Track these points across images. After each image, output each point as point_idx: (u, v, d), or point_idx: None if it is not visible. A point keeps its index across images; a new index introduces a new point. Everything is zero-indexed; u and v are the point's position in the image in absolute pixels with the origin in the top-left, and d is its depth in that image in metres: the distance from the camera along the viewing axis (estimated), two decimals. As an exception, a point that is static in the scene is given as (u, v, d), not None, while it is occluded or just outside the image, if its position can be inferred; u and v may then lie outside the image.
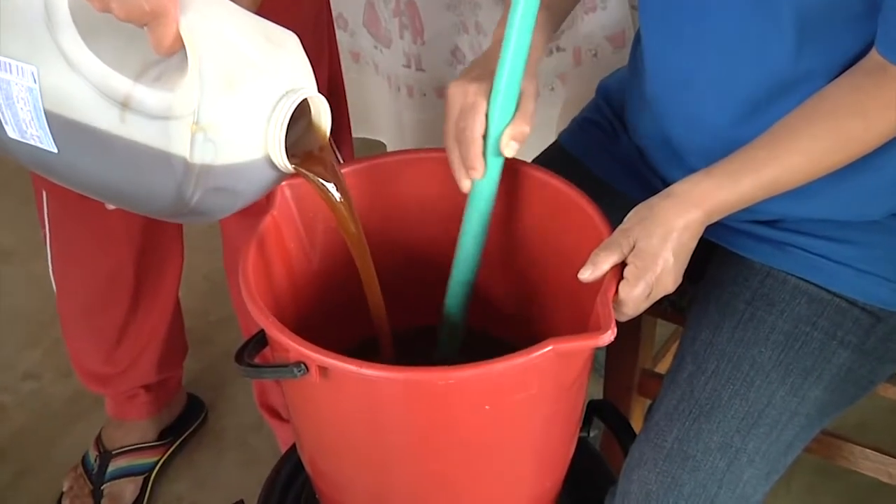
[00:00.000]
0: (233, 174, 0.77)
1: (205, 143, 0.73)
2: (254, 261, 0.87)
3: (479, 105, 0.89)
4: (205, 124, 0.73)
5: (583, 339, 0.76)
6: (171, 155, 0.74)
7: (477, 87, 0.90)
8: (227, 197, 0.79)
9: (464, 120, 0.90)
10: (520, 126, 0.90)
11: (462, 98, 0.91)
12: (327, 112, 0.83)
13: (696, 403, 0.93)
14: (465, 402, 0.78)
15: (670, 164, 1.04)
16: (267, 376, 0.84)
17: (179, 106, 0.73)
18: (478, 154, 0.90)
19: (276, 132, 0.76)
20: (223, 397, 1.68)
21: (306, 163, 0.81)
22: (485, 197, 0.92)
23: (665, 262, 0.82)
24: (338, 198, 0.84)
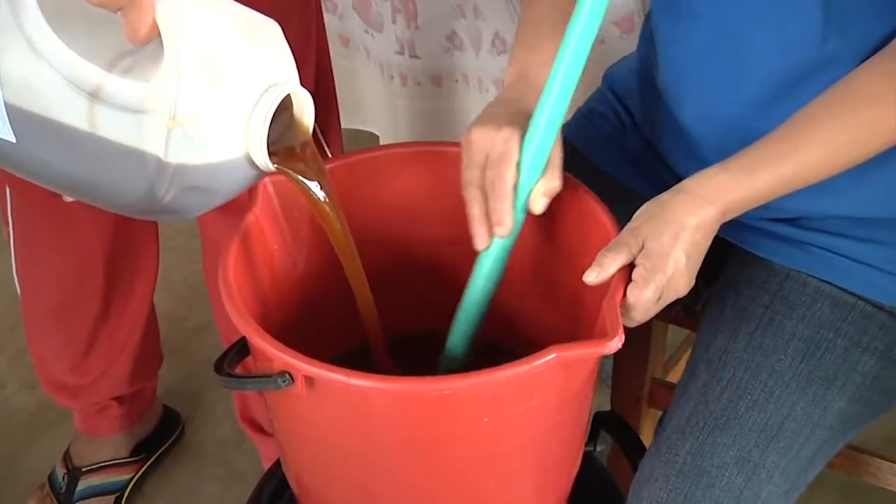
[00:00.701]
0: (210, 173, 0.77)
1: (182, 139, 0.74)
2: (235, 262, 0.87)
3: (512, 153, 0.88)
4: (182, 119, 0.73)
5: (588, 347, 0.76)
6: (143, 152, 0.74)
7: (509, 133, 0.88)
8: (203, 195, 0.80)
9: (495, 169, 0.88)
10: (551, 181, 0.89)
11: (490, 144, 0.89)
12: (311, 107, 0.83)
13: (711, 415, 0.93)
14: (462, 414, 0.79)
15: (682, 158, 1.04)
16: (249, 387, 0.84)
17: (155, 99, 0.73)
18: (508, 208, 0.88)
19: (258, 129, 0.76)
20: (201, 410, 1.69)
21: (288, 160, 0.81)
22: (501, 255, 0.91)
23: (676, 263, 0.83)
24: (321, 197, 0.84)
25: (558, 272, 0.98)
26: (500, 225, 0.88)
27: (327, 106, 1.35)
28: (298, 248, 0.97)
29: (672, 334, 1.33)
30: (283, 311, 0.96)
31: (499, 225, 0.88)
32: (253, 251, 0.91)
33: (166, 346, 1.58)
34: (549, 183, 0.89)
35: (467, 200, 0.90)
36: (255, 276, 0.92)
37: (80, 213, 1.26)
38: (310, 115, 0.83)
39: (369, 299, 0.92)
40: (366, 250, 0.91)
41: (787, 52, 0.90)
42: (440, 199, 1.00)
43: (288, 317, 0.96)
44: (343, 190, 0.96)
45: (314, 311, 1.00)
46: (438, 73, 1.67)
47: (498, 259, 0.91)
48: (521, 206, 0.89)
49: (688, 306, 1.13)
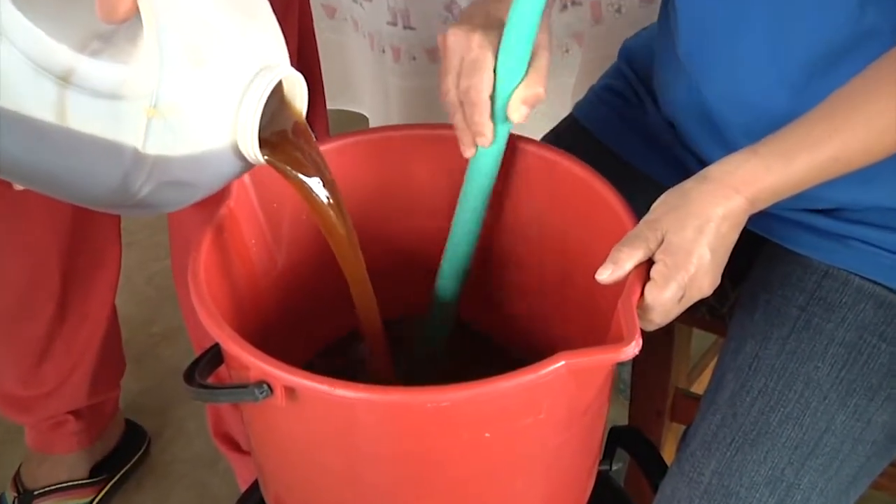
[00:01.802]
0: (192, 165, 0.77)
1: (163, 129, 0.74)
2: (206, 259, 0.87)
3: (485, 60, 0.91)
4: (165, 107, 0.73)
5: (602, 353, 0.77)
6: (118, 143, 0.74)
7: (482, 37, 0.91)
8: (182, 190, 0.80)
9: (468, 77, 0.91)
10: (533, 87, 0.91)
11: (465, 49, 0.92)
12: (304, 93, 0.83)
13: (740, 430, 0.94)
14: (461, 428, 0.79)
15: (708, 141, 1.05)
16: (223, 399, 0.85)
17: (133, 83, 0.73)
18: (486, 118, 0.91)
19: (248, 118, 0.77)
20: (170, 425, 1.69)
21: (279, 152, 0.82)
22: (488, 169, 0.95)
23: (700, 260, 0.83)
24: (324, 197, 0.85)
25: (568, 269, 0.98)
26: (480, 136, 0.91)
27: (311, 84, 1.35)
28: (278, 243, 0.98)
29: (697, 340, 1.34)
30: (260, 313, 0.96)
31: (478, 135, 0.92)
32: (227, 247, 0.92)
33: (130, 353, 1.59)
34: (528, 89, 0.91)
35: (448, 110, 0.94)
36: (230, 275, 0.92)
37: (33, 204, 1.26)
38: (303, 100, 0.84)
39: (372, 307, 0.93)
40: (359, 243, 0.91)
41: (823, 27, 0.90)
42: (440, 189, 1.00)
43: (266, 320, 0.97)
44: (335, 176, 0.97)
45: (295, 313, 1.01)
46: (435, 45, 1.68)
47: (486, 170, 0.95)
48: (500, 114, 0.92)
49: (714, 308, 1.13)
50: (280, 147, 0.82)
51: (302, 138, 0.84)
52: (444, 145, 0.98)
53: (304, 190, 0.84)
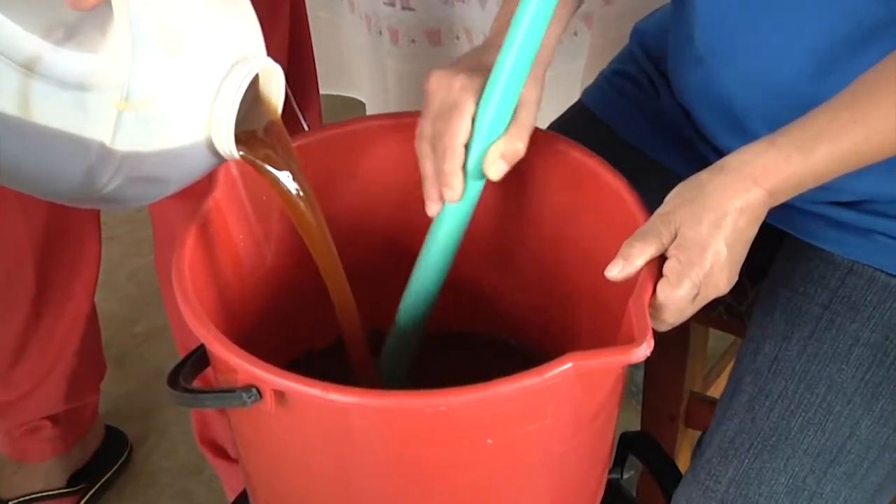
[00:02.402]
0: (163, 161, 0.77)
1: (134, 123, 0.74)
2: (191, 256, 0.88)
3: (465, 105, 0.89)
4: (137, 100, 0.73)
5: (611, 354, 0.77)
6: (85, 138, 0.74)
7: (465, 80, 0.90)
8: (151, 185, 0.80)
9: (443, 121, 0.90)
10: (513, 142, 0.90)
11: (444, 93, 0.91)
12: (282, 85, 0.83)
13: (759, 435, 0.94)
14: (461, 435, 0.79)
15: (725, 130, 1.05)
16: (209, 404, 0.85)
17: (105, 74, 0.73)
18: (457, 167, 0.90)
19: (224, 112, 0.77)
20: (153, 431, 1.69)
21: (253, 147, 0.82)
22: (453, 229, 0.93)
23: (716, 255, 0.83)
24: (293, 190, 0.85)
25: (575, 266, 0.99)
26: (448, 187, 0.90)
27: (303, 68, 1.36)
28: (267, 238, 0.98)
29: (713, 341, 1.34)
30: (248, 312, 0.97)
31: (446, 187, 0.90)
32: (213, 242, 0.92)
33: (110, 354, 1.59)
34: (508, 143, 0.90)
35: (419, 156, 0.93)
36: (216, 272, 0.92)
37: (5, 195, 1.26)
38: (280, 93, 0.84)
39: (350, 305, 0.93)
40: (347, 240, 0.91)
41: (848, 9, 0.90)
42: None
43: (254, 319, 0.97)
44: (321, 169, 0.97)
45: (286, 312, 1.01)
46: (436, 27, 1.67)
47: (452, 229, 0.93)
48: (474, 168, 0.90)
49: (731, 307, 1.14)
50: (252, 142, 0.82)
51: (275, 135, 0.84)
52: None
53: (276, 183, 0.85)
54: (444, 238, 0.94)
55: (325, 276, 0.91)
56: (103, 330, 1.54)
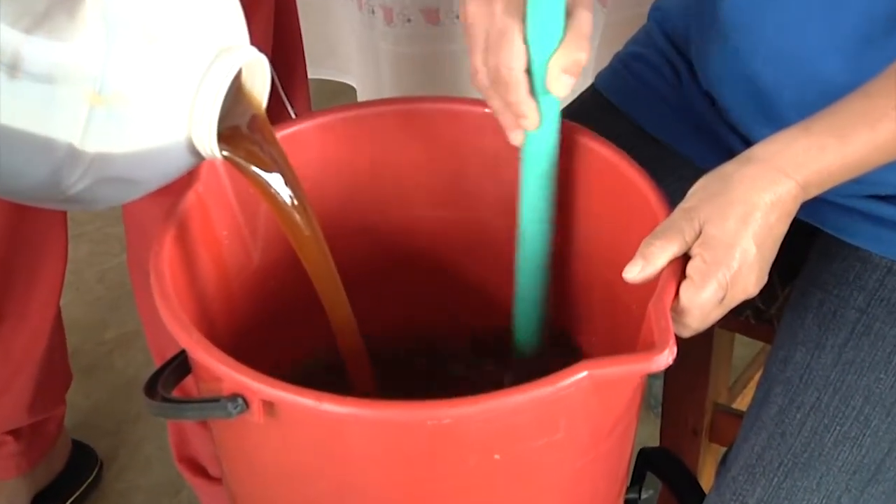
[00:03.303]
0: (138, 161, 0.77)
1: (107, 120, 0.74)
2: (171, 254, 0.88)
3: (512, 29, 0.88)
4: (111, 94, 0.73)
5: (630, 362, 0.77)
6: (51, 139, 0.74)
7: (505, 3, 0.89)
8: (123, 187, 0.80)
9: (495, 53, 0.89)
10: (572, 52, 0.88)
11: (488, 20, 0.90)
12: (267, 76, 0.84)
13: (789, 451, 0.95)
14: (466, 450, 0.80)
15: (753, 117, 1.05)
16: (190, 415, 0.85)
17: (75, 65, 0.72)
18: (524, 96, 0.89)
19: (207, 109, 0.77)
20: (125, 446, 1.70)
21: (236, 145, 0.82)
22: (544, 152, 0.93)
23: (744, 254, 0.83)
24: (287, 197, 0.85)
25: (590, 266, 0.99)
26: (524, 117, 0.90)
27: (290, 50, 1.36)
28: (254, 235, 0.98)
29: (739, 348, 1.34)
30: (233, 316, 0.97)
31: (521, 118, 0.90)
32: (195, 240, 0.92)
33: (78, 363, 1.59)
34: (567, 55, 0.88)
35: (485, 96, 0.92)
36: (198, 272, 0.93)
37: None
38: (265, 86, 0.84)
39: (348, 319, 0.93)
40: (338, 242, 0.91)
41: None
42: (436, 173, 1.01)
43: (240, 323, 0.97)
44: (309, 161, 0.98)
45: (274, 316, 1.01)
46: (434, 5, 1.68)
47: (542, 152, 0.93)
48: (541, 88, 0.90)
49: (759, 311, 1.14)
50: (235, 140, 0.82)
51: (260, 131, 0.85)
52: (444, 119, 0.99)
53: (265, 189, 0.85)
54: (537, 164, 0.93)
55: (320, 290, 0.91)
56: (70, 336, 1.54)
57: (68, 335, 1.53)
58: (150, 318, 1.36)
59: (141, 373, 1.75)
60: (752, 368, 1.45)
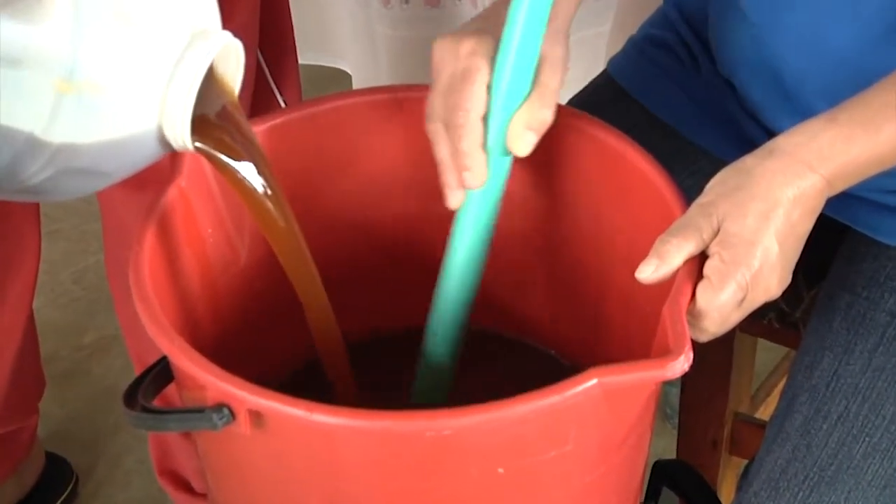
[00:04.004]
0: (106, 153, 0.78)
1: (76, 109, 0.74)
2: (152, 253, 0.88)
3: (476, 70, 0.89)
4: (82, 80, 0.73)
5: (643, 369, 0.77)
6: (10, 128, 0.74)
7: (475, 44, 0.89)
8: (86, 179, 0.81)
9: (455, 95, 0.89)
10: (539, 108, 0.89)
11: (452, 62, 0.90)
12: (240, 61, 0.84)
13: (816, 464, 0.95)
14: (468, 463, 0.80)
15: (777, 106, 1.05)
16: (173, 427, 0.85)
17: (44, 48, 0.72)
18: (474, 147, 0.89)
19: (181, 97, 0.77)
20: (104, 459, 1.70)
21: (207, 135, 0.82)
22: (483, 214, 0.93)
23: (766, 253, 0.84)
24: (259, 186, 0.85)
25: (601, 265, 0.99)
26: (468, 170, 0.89)
27: (279, 34, 1.36)
28: (241, 232, 0.99)
29: (762, 353, 1.34)
30: (219, 320, 0.97)
31: (465, 170, 0.89)
32: (177, 238, 0.92)
33: (51, 370, 1.59)
34: (533, 111, 0.89)
35: (431, 139, 0.92)
36: (180, 273, 0.93)
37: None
38: (238, 72, 0.84)
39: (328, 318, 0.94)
40: (326, 239, 0.92)
41: None
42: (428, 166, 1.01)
43: (226, 328, 0.98)
44: (298, 153, 0.98)
45: (262, 319, 1.02)
46: (434, -15, 1.68)
47: (480, 220, 0.92)
48: (498, 143, 0.90)
49: (783, 313, 1.14)
50: (208, 129, 0.82)
51: (232, 119, 0.85)
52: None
53: (237, 180, 0.85)
54: (471, 232, 0.93)
55: (297, 287, 0.91)
56: (44, 341, 1.54)
57: (42, 340, 1.53)
58: (129, 322, 1.36)
59: (120, 380, 1.75)
60: (775, 376, 1.45)
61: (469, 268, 0.95)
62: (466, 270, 0.95)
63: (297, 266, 0.90)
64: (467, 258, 0.94)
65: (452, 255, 0.95)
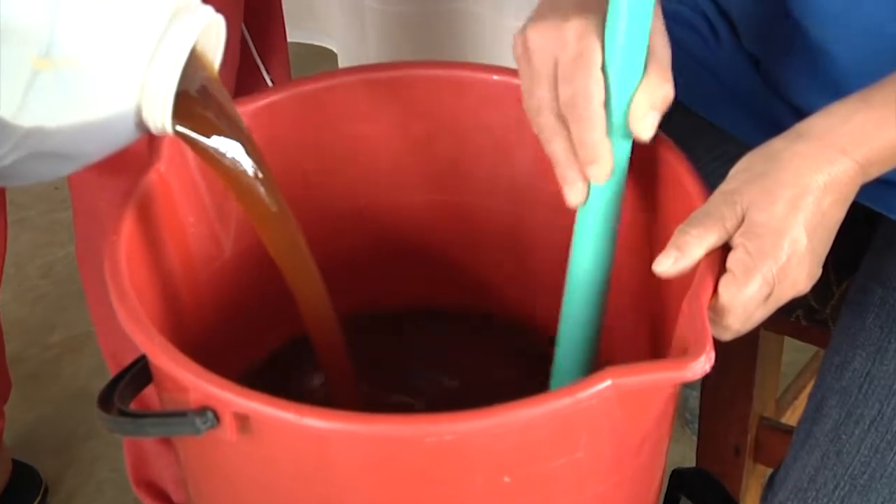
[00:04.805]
0: (79, 135, 0.78)
1: (52, 87, 0.74)
2: (129, 244, 0.88)
3: (591, 54, 0.87)
4: (59, 57, 0.74)
5: (660, 370, 0.77)
6: None
7: (583, 25, 0.88)
8: (56, 163, 0.81)
9: (570, 81, 0.88)
10: (660, 84, 0.88)
11: (558, 46, 0.88)
12: (222, 36, 0.84)
13: (847, 472, 0.95)
14: (472, 471, 0.80)
15: (807, 84, 1.05)
16: (152, 432, 0.85)
17: (21, 21, 0.73)
18: (601, 137, 0.88)
19: (164, 76, 0.78)
20: (74, 467, 1.70)
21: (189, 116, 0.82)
22: (612, 206, 0.92)
23: (794, 245, 0.84)
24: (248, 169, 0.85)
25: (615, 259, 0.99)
26: (594, 163, 0.88)
27: (267, 11, 1.36)
28: (225, 222, 0.99)
29: (789, 353, 1.35)
30: (201, 316, 0.98)
31: (592, 163, 0.88)
32: (156, 227, 0.92)
33: (19, 370, 1.59)
34: (654, 89, 0.88)
35: (542, 135, 0.91)
36: (160, 265, 0.93)
37: None
38: (219, 48, 0.84)
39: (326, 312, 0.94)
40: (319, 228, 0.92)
41: None
42: (433, 153, 1.01)
43: (209, 325, 0.98)
44: (287, 136, 0.98)
45: (248, 313, 1.02)
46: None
47: (607, 213, 0.92)
48: (620, 128, 0.89)
49: (812, 310, 1.15)
50: (189, 110, 0.83)
51: (213, 98, 0.85)
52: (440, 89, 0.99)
53: (221, 163, 0.85)
54: (601, 226, 0.92)
55: (292, 280, 0.91)
56: (9, 340, 1.54)
57: (8, 339, 1.53)
58: (103, 319, 1.36)
59: (92, 382, 1.75)
60: (803, 377, 1.46)
61: (601, 264, 0.94)
62: (599, 267, 0.94)
63: (290, 255, 0.90)
64: (599, 254, 0.93)
65: (581, 255, 0.94)
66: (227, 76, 1.09)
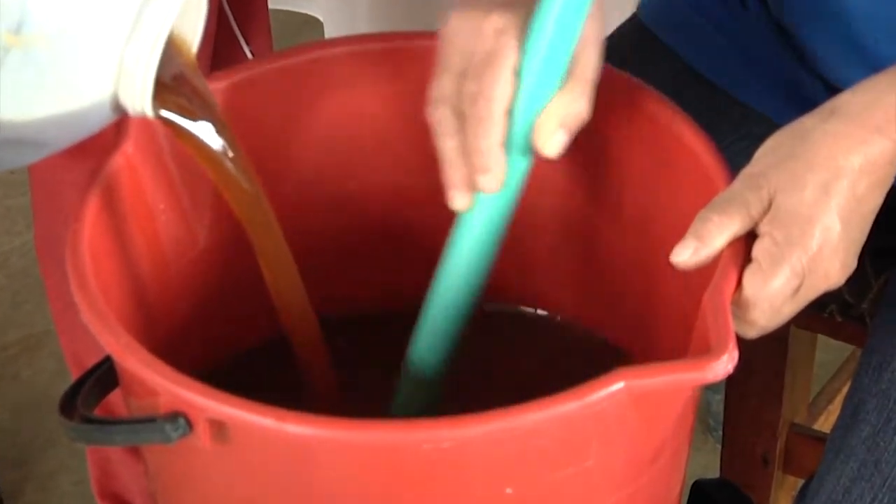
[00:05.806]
0: (48, 120, 0.78)
1: (20, 67, 0.75)
2: (93, 234, 0.88)
3: (504, 54, 0.88)
4: (31, 34, 0.74)
5: (678, 371, 0.77)
6: None
7: (504, 21, 0.88)
8: (22, 150, 0.81)
9: (476, 80, 0.88)
10: (575, 100, 0.88)
11: (473, 39, 0.89)
12: (202, 16, 0.85)
13: (885, 484, 0.96)
14: (472, 481, 0.80)
15: (842, 57, 1.06)
16: (119, 440, 0.85)
17: None
18: (495, 145, 0.88)
19: (143, 59, 0.78)
20: (32, 479, 1.70)
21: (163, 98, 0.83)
22: (494, 221, 0.92)
23: (827, 233, 0.84)
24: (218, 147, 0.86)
25: (629, 246, 1.00)
26: (485, 172, 0.88)
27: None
28: (199, 209, 0.99)
29: (822, 353, 1.35)
30: (172, 313, 0.98)
31: (482, 172, 0.88)
32: (123, 214, 0.93)
33: (-28, 373, 1.60)
34: (568, 103, 0.89)
35: (435, 129, 0.91)
36: (127, 256, 0.93)
37: None
38: (198, 29, 0.85)
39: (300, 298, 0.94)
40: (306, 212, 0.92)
41: None
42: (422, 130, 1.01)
43: (180, 322, 0.99)
44: (269, 113, 0.98)
45: (223, 308, 1.03)
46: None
47: (486, 228, 0.92)
48: (520, 141, 0.89)
49: (847, 305, 1.15)
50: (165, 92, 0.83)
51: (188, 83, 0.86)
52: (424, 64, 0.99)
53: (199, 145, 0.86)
54: (477, 240, 0.93)
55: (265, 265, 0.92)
56: (-38, 339, 1.55)
57: (-41, 338, 1.54)
58: (64, 316, 1.36)
59: (52, 386, 1.75)
60: (838, 379, 1.46)
61: (468, 283, 0.94)
62: (467, 279, 0.94)
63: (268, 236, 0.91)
64: (469, 265, 0.94)
65: (452, 261, 0.94)
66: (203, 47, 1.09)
